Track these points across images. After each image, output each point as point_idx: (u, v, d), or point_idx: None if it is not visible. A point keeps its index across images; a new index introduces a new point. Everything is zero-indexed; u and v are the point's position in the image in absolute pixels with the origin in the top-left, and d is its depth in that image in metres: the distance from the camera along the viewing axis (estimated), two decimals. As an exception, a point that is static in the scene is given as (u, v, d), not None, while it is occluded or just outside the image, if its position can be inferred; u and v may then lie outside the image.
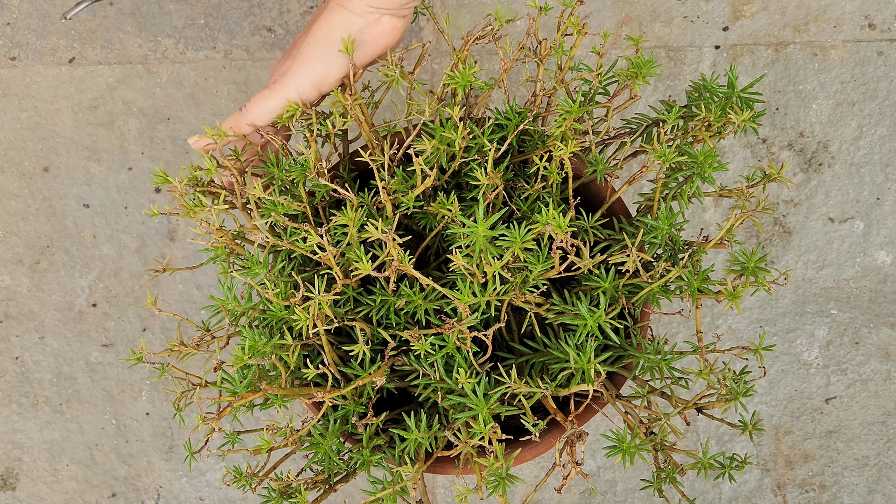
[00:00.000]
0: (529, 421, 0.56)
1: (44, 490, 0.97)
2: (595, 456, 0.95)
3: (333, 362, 0.59)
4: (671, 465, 0.57)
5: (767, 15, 0.99)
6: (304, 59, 0.64)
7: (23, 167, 1.00)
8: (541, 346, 0.62)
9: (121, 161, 0.99)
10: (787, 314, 0.96)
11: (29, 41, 1.01)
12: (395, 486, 0.55)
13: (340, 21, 0.63)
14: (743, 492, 0.94)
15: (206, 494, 0.96)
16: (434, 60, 1.00)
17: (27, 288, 0.99)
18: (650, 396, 0.59)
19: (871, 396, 0.95)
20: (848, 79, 0.98)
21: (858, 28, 0.99)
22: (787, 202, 0.97)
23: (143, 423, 0.97)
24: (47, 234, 0.99)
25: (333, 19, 0.63)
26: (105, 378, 0.98)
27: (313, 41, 0.63)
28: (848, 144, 0.97)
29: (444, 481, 0.96)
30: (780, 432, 0.95)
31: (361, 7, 0.62)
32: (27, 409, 0.98)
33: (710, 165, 0.60)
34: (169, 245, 0.98)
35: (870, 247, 0.96)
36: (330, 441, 0.59)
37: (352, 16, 0.62)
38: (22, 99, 1.01)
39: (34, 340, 0.98)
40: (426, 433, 0.57)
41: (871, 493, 0.94)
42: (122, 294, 0.98)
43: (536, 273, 0.59)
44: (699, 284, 0.56)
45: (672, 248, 0.62)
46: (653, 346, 0.58)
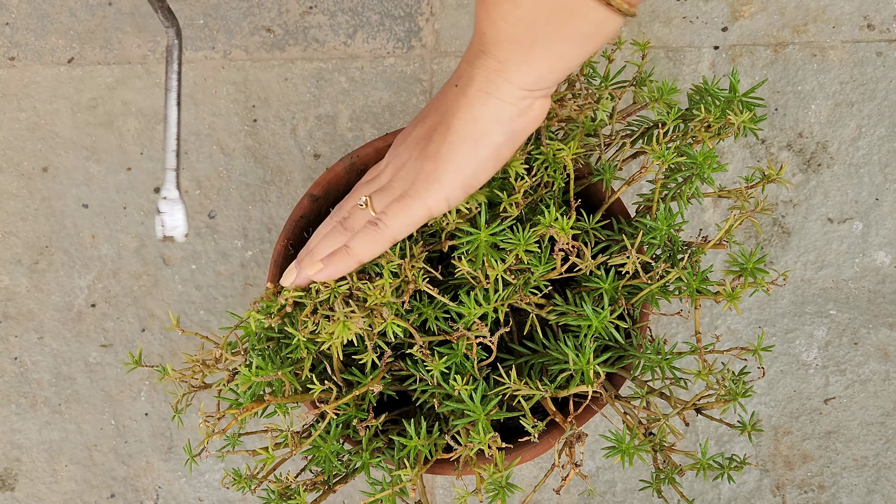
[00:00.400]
0: (529, 423, 0.56)
1: (43, 490, 0.97)
2: (594, 456, 0.95)
3: (339, 371, 0.59)
4: (670, 465, 0.58)
5: (766, 15, 0.99)
6: (452, 161, 0.54)
7: (21, 167, 1.00)
8: (540, 348, 0.62)
9: (120, 161, 0.99)
10: (786, 315, 0.96)
11: (28, 41, 1.01)
12: (394, 487, 0.55)
13: (488, 112, 0.53)
14: (742, 492, 0.94)
15: (206, 495, 0.96)
16: (434, 61, 1.00)
17: (26, 288, 0.99)
18: (649, 397, 0.59)
19: (870, 397, 0.95)
20: (847, 79, 0.98)
21: (857, 28, 0.99)
22: (786, 203, 0.97)
23: (142, 424, 0.97)
24: (46, 234, 0.99)
25: (479, 111, 0.53)
26: (104, 378, 0.97)
27: (459, 140, 0.54)
28: (847, 145, 0.97)
29: (443, 482, 0.95)
30: (779, 433, 0.95)
31: (515, 94, 0.53)
32: (26, 409, 0.98)
33: (709, 166, 0.60)
34: (168, 245, 0.98)
35: (869, 247, 0.96)
36: (331, 445, 0.59)
37: (501, 104, 0.53)
38: (21, 99, 1.01)
39: (33, 341, 0.98)
40: (426, 440, 0.57)
41: (869, 493, 0.94)
42: (120, 294, 0.98)
43: (538, 275, 0.59)
44: (698, 285, 0.56)
45: (671, 248, 0.62)
46: (653, 346, 0.58)
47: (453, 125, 0.54)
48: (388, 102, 0.99)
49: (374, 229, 0.55)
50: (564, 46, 0.49)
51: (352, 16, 1.01)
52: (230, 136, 0.99)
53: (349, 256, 0.56)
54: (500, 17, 0.49)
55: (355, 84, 0.99)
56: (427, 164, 0.55)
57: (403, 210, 0.55)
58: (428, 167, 0.55)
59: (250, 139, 0.99)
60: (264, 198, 0.99)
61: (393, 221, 0.55)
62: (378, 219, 0.55)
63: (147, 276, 0.98)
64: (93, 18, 1.01)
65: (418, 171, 0.55)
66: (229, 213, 0.99)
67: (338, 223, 0.59)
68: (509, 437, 0.66)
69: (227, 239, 0.98)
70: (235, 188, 0.99)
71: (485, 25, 0.51)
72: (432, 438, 0.58)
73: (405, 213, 0.55)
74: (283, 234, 0.71)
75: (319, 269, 0.56)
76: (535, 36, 0.49)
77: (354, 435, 0.62)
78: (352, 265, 0.56)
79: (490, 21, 0.50)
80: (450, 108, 0.55)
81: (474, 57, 0.53)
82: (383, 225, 0.55)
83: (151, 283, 0.98)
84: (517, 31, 0.49)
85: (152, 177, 0.99)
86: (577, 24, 0.48)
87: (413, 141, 0.58)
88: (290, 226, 0.71)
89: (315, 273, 0.56)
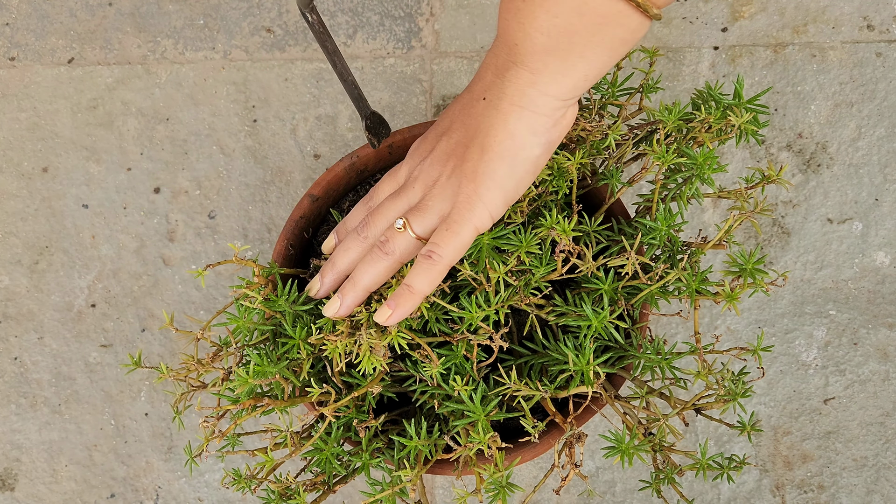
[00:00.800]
0: (529, 423, 0.56)
1: (42, 491, 0.97)
2: (594, 457, 0.95)
3: (338, 373, 0.59)
4: (670, 465, 0.58)
5: (766, 16, 0.99)
6: (493, 179, 0.54)
7: (22, 167, 1.00)
8: (540, 348, 0.62)
9: (120, 161, 0.99)
10: (786, 315, 0.96)
11: (28, 41, 1.01)
12: (393, 487, 0.55)
13: (524, 126, 0.53)
14: (741, 492, 0.94)
15: (205, 495, 0.96)
16: (433, 61, 1.00)
17: (26, 288, 0.99)
18: (649, 397, 0.59)
19: (870, 397, 0.95)
20: (846, 80, 0.98)
21: (857, 29, 0.99)
22: (785, 203, 0.97)
23: (141, 424, 0.97)
24: (46, 234, 0.99)
25: (514, 126, 0.53)
26: (104, 378, 0.98)
27: (497, 158, 0.53)
28: (846, 145, 0.97)
29: (443, 482, 0.96)
30: (779, 433, 0.95)
31: (550, 105, 0.52)
32: (26, 409, 0.98)
33: (709, 167, 0.60)
34: (168, 245, 0.98)
35: (868, 248, 0.96)
36: (331, 448, 0.59)
37: (537, 117, 0.53)
38: (21, 99, 1.01)
39: (33, 341, 0.98)
40: (425, 440, 0.57)
41: (869, 493, 0.94)
42: (120, 294, 0.98)
43: (539, 276, 0.59)
44: (697, 286, 0.56)
45: (671, 249, 0.62)
46: (652, 346, 0.59)
47: (489, 143, 0.53)
48: (389, 102, 0.99)
49: (430, 263, 0.55)
50: (599, 54, 0.49)
51: (352, 16, 1.01)
52: (230, 137, 0.99)
53: (413, 295, 0.55)
54: (535, 28, 0.49)
55: (355, 84, 0.99)
56: (467, 185, 0.54)
57: (454, 237, 0.54)
58: (468, 188, 0.54)
59: (250, 139, 0.99)
60: (264, 198, 0.99)
61: (447, 251, 0.55)
62: (431, 251, 0.55)
63: (147, 276, 0.98)
64: (93, 19, 1.01)
65: (457, 192, 0.55)
66: (229, 213, 0.99)
67: (376, 247, 0.57)
68: (509, 438, 0.66)
69: (227, 239, 0.98)
70: (235, 188, 0.99)
71: (517, 37, 0.50)
72: (432, 439, 0.58)
73: (456, 239, 0.55)
74: (283, 235, 0.71)
75: (389, 315, 0.55)
76: (570, 46, 0.49)
77: (355, 436, 0.62)
78: (417, 302, 0.56)
79: (524, 32, 0.49)
80: (481, 123, 0.54)
81: (503, 69, 0.52)
82: (438, 257, 0.55)
83: (151, 283, 0.98)
84: (553, 41, 0.49)
85: (152, 177, 0.99)
86: (613, 32, 0.48)
87: (441, 156, 0.56)
88: (291, 226, 0.71)
89: (386, 318, 0.55)
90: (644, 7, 0.46)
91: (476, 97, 0.55)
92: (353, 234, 0.60)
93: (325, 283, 0.60)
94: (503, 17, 0.51)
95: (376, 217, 0.59)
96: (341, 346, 0.55)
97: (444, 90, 0.99)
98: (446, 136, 0.56)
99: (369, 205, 0.62)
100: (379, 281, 0.57)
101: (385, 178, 0.62)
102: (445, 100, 0.99)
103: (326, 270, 0.60)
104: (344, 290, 0.57)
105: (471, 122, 0.55)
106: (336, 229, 0.64)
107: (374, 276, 0.57)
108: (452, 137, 0.56)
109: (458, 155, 0.55)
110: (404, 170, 0.60)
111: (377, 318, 0.56)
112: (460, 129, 0.56)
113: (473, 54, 1.00)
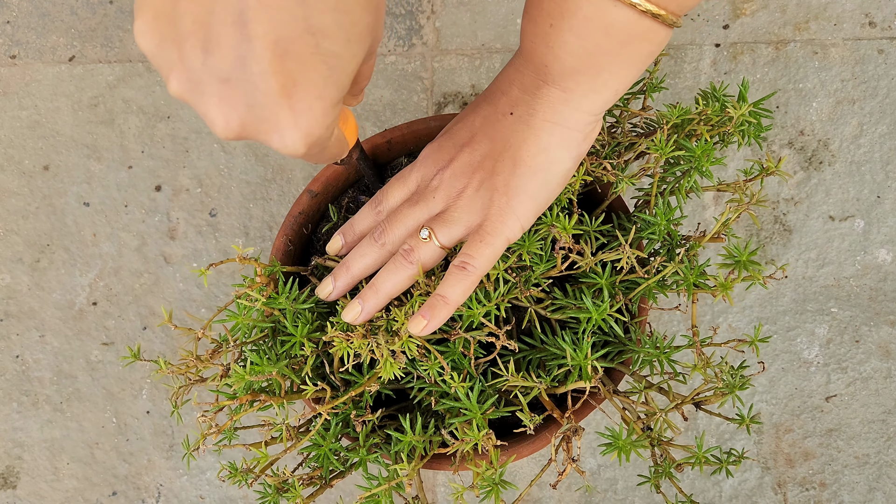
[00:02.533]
0: (526, 417, 0.55)
1: (44, 488, 0.97)
2: (595, 454, 0.95)
3: (337, 370, 0.59)
4: (668, 460, 0.57)
5: (768, 13, 0.99)
6: (525, 192, 0.55)
7: (23, 165, 1.00)
8: (538, 343, 0.62)
9: (121, 159, 1.00)
10: (788, 312, 0.96)
11: (29, 39, 1.02)
12: (390, 482, 0.55)
13: (556, 141, 0.54)
14: (743, 490, 0.94)
15: (207, 493, 0.96)
16: (434, 59, 1.00)
17: (27, 286, 0.99)
18: (648, 392, 0.59)
19: (872, 395, 0.94)
20: (848, 77, 0.98)
21: (859, 26, 0.98)
22: (787, 200, 0.97)
23: (143, 422, 0.97)
24: (47, 232, 0.99)
25: (547, 141, 0.54)
26: (105, 376, 0.98)
27: (530, 172, 0.54)
28: (848, 142, 0.97)
29: (444, 479, 0.95)
30: (781, 430, 0.95)
31: (582, 120, 0.53)
32: (27, 407, 0.98)
33: (707, 160, 0.60)
34: (169, 243, 0.99)
35: (870, 245, 0.96)
36: (329, 444, 0.59)
37: (569, 132, 0.54)
38: (22, 97, 1.01)
39: (34, 339, 0.99)
40: (421, 436, 0.57)
41: (871, 491, 0.93)
42: (122, 292, 0.98)
43: (539, 273, 0.59)
44: (695, 279, 0.56)
45: (670, 243, 0.62)
46: (651, 340, 0.58)
47: (521, 157, 0.54)
48: (389, 100, 0.99)
49: (464, 274, 0.55)
50: (628, 69, 0.50)
51: (352, 14, 1.01)
52: (231, 135, 0.99)
53: (447, 305, 0.55)
54: (565, 52, 0.50)
55: (356, 82, 0.99)
56: (499, 198, 0.55)
57: (488, 248, 0.55)
58: (500, 201, 0.55)
59: (251, 137, 0.99)
60: (265, 196, 0.99)
61: (480, 262, 0.55)
62: (465, 263, 0.55)
63: (148, 274, 0.98)
64: (94, 17, 1.02)
65: (488, 205, 0.55)
66: (230, 210, 0.99)
67: (400, 255, 0.57)
68: (507, 432, 0.65)
69: (228, 237, 0.99)
70: (236, 186, 0.99)
71: (546, 59, 0.51)
72: (428, 435, 0.58)
73: (490, 251, 0.55)
74: (282, 231, 0.71)
75: (424, 325, 0.55)
76: (599, 64, 0.50)
77: (353, 432, 0.62)
78: (450, 313, 0.56)
79: (553, 55, 0.50)
80: (510, 138, 0.55)
81: (533, 87, 0.53)
82: (472, 268, 0.55)
83: (152, 281, 0.98)
84: (582, 62, 0.50)
85: (153, 175, 0.99)
86: (641, 47, 0.49)
87: (465, 167, 0.57)
88: (290, 222, 0.71)
89: (422, 328, 0.55)
90: (669, 21, 0.47)
91: (502, 111, 0.55)
92: (370, 240, 0.60)
93: (338, 286, 0.60)
94: (529, 38, 0.52)
95: (393, 224, 0.59)
96: (356, 345, 0.55)
97: (445, 88, 0.99)
98: (469, 148, 0.57)
99: (379, 209, 0.62)
100: (401, 288, 0.58)
101: (394, 182, 0.62)
102: (446, 97, 0.99)
103: (340, 273, 0.60)
104: (365, 297, 0.57)
105: (498, 135, 0.55)
106: (342, 231, 0.64)
107: (396, 284, 0.57)
108: (477, 150, 0.56)
109: (487, 168, 0.55)
110: (415, 175, 0.60)
111: (411, 329, 0.56)
112: (485, 141, 0.56)
113: (474, 52, 0.99)
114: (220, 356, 0.58)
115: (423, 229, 0.57)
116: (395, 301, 0.59)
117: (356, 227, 0.63)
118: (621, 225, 0.65)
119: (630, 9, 0.46)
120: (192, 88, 0.37)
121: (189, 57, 0.36)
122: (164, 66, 0.38)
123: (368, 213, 0.62)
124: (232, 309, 0.58)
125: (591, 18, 0.47)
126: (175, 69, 0.37)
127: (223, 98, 0.37)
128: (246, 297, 0.57)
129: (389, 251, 0.59)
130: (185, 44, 0.36)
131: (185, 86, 0.37)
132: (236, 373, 0.54)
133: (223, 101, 0.37)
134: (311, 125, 0.38)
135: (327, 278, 0.61)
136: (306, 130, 0.38)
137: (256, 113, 0.37)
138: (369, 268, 0.60)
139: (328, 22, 0.35)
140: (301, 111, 0.37)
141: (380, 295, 0.57)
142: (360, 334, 0.56)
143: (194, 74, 0.37)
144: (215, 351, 0.58)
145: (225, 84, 0.36)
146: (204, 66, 0.36)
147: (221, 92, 0.37)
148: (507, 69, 0.56)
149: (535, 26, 0.50)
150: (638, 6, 0.46)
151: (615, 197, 0.67)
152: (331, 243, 0.64)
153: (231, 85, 0.36)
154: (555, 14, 0.49)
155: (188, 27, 0.35)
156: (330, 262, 0.64)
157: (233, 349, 0.58)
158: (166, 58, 0.37)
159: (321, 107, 0.38)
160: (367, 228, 0.62)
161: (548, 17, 0.49)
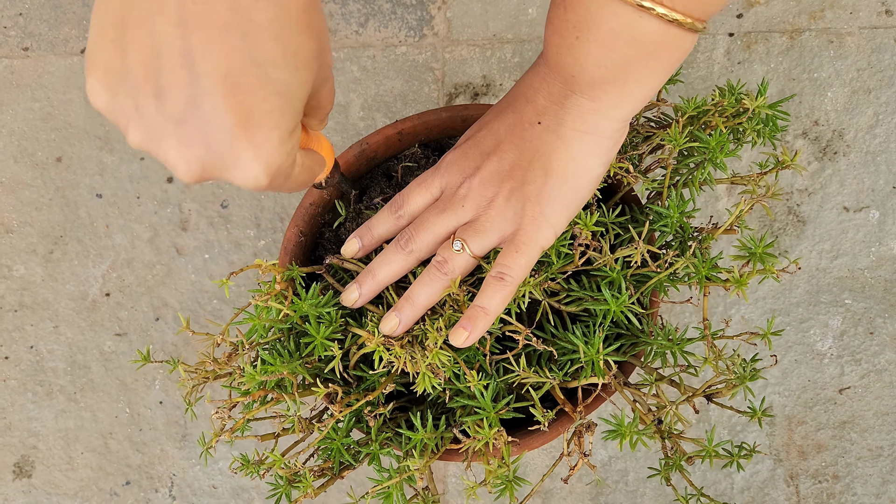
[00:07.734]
0: (539, 413, 0.55)
1: (59, 478, 0.98)
2: (607, 446, 0.95)
3: (352, 368, 0.59)
4: (679, 453, 0.57)
5: (782, 2, 0.98)
6: (558, 201, 0.55)
7: (36, 157, 1.00)
8: (549, 337, 0.62)
9: (133, 151, 1.00)
10: (801, 304, 0.95)
11: (41, 31, 1.02)
12: (401, 475, 0.55)
13: (586, 149, 0.54)
14: (755, 482, 0.93)
15: (220, 482, 0.97)
16: (445, 49, 0.99)
17: (41, 277, 0.99)
18: (659, 384, 0.58)
19: (886, 387, 0.94)
20: (864, 66, 0.97)
21: (875, 14, 0.97)
22: (801, 191, 0.96)
23: (156, 412, 0.98)
24: (60, 223, 1.00)
25: (577, 150, 0.54)
26: (119, 367, 0.98)
27: (562, 181, 0.55)
28: (863, 133, 0.96)
29: (455, 470, 0.96)
30: (793, 422, 0.94)
31: (611, 128, 0.54)
32: (42, 397, 0.99)
33: (722, 151, 0.59)
34: (181, 235, 0.99)
35: (885, 236, 0.95)
36: (342, 438, 0.59)
37: (599, 140, 0.54)
38: (35, 89, 1.01)
39: (48, 330, 0.99)
40: (432, 433, 0.57)
41: (884, 483, 0.93)
42: (134, 284, 0.99)
43: (556, 268, 0.59)
44: (707, 272, 0.56)
45: (682, 236, 0.61)
46: (663, 332, 0.58)
47: (553, 166, 0.54)
48: (400, 91, 0.99)
49: (502, 284, 0.55)
50: (656, 76, 0.50)
51: (364, 4, 1.00)
52: (242, 126, 0.99)
53: (487, 316, 0.56)
54: (592, 63, 0.50)
55: (367, 73, 0.99)
56: (532, 207, 0.55)
57: (523, 257, 0.55)
58: (533, 210, 0.55)
59: (262, 129, 0.99)
60: (276, 187, 0.99)
61: (517, 271, 0.55)
62: (503, 273, 0.55)
63: (160, 265, 0.99)
64: (106, 9, 1.02)
65: (521, 214, 0.55)
66: (241, 202, 0.99)
67: (434, 266, 0.57)
68: (518, 424, 0.65)
69: (240, 228, 0.99)
70: (248, 177, 0.99)
71: (573, 70, 0.51)
72: (439, 432, 0.58)
73: (525, 260, 0.55)
74: (293, 221, 0.71)
75: (466, 336, 0.55)
76: (627, 74, 0.50)
77: (366, 427, 0.62)
78: (490, 323, 0.56)
79: (580, 66, 0.50)
80: (539, 147, 0.55)
81: (560, 96, 0.53)
82: (510, 278, 0.55)
83: (165, 272, 0.99)
84: (610, 73, 0.50)
85: (165, 166, 0.99)
86: (668, 55, 0.49)
87: (493, 176, 0.56)
88: (301, 213, 0.71)
89: (463, 340, 0.55)
90: (695, 28, 0.47)
91: (528, 120, 0.55)
92: (396, 247, 0.59)
93: (363, 294, 0.59)
94: (553, 49, 0.51)
95: (420, 231, 0.59)
96: (395, 352, 0.55)
97: (456, 78, 0.99)
98: (496, 157, 0.56)
99: (399, 213, 0.61)
100: (436, 300, 0.58)
101: (414, 186, 0.61)
102: (457, 88, 0.99)
103: (365, 280, 0.60)
104: (401, 309, 0.57)
105: (526, 145, 0.55)
106: (358, 234, 0.62)
107: (430, 295, 0.57)
108: (505, 159, 0.56)
109: (517, 178, 0.55)
110: (439, 181, 0.60)
111: (453, 340, 0.56)
112: (512, 150, 0.56)
113: (486, 42, 0.99)
114: (236, 359, 0.58)
115: (456, 241, 0.57)
116: (428, 311, 0.59)
117: (374, 230, 0.62)
118: (634, 217, 0.65)
119: (657, 19, 0.46)
120: (151, 137, 0.37)
121: (143, 106, 0.36)
122: (120, 120, 0.38)
123: (387, 216, 0.61)
124: (250, 310, 0.58)
125: (617, 31, 0.47)
126: (132, 121, 0.37)
127: (181, 140, 0.37)
128: (264, 304, 0.57)
129: (417, 258, 0.59)
130: (139, 94, 0.36)
131: (144, 135, 0.37)
132: (248, 374, 0.54)
133: (181, 144, 0.37)
134: (270, 155, 0.38)
135: (351, 285, 0.60)
136: (266, 161, 0.38)
137: (215, 150, 0.37)
138: (395, 274, 0.59)
139: (273, 51, 0.36)
140: (259, 143, 0.37)
141: (416, 307, 0.57)
142: (400, 344, 0.56)
143: (151, 122, 0.37)
144: (231, 354, 0.58)
145: (181, 126, 0.36)
146: (158, 112, 0.36)
147: (178, 134, 0.36)
148: (530, 76, 0.56)
149: (559, 38, 0.50)
150: (665, 17, 0.46)
151: (628, 189, 0.66)
152: (346, 246, 0.63)
153: (187, 126, 0.36)
154: (580, 26, 0.48)
155: (140, 76, 0.36)
156: (346, 263, 0.63)
157: (248, 351, 0.58)
158: (122, 111, 0.37)
159: (278, 136, 0.38)
160: (387, 233, 0.62)
161: (573, 30, 0.49)
